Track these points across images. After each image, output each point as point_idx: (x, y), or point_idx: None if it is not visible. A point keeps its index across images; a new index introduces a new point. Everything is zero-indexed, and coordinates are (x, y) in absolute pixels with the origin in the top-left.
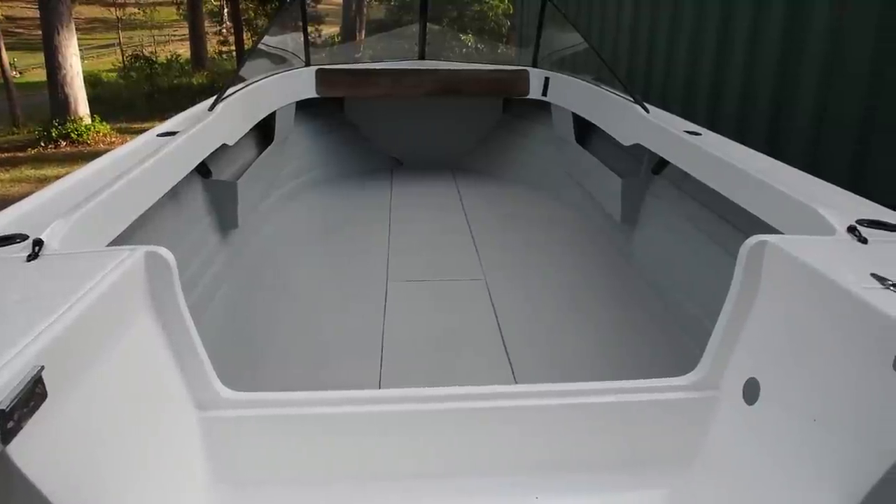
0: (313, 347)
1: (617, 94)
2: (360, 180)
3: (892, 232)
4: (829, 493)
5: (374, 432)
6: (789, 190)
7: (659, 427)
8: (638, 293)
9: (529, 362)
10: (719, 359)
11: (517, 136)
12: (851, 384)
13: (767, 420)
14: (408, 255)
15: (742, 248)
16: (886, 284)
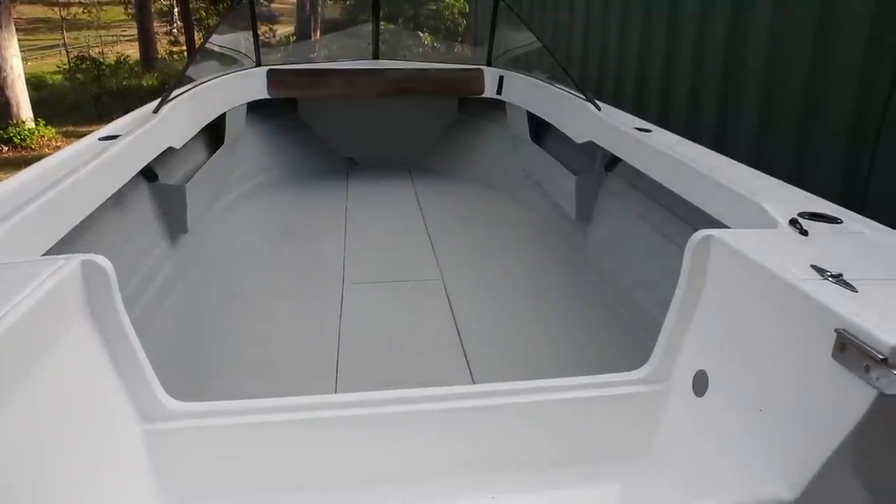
0: (267, 354)
1: (570, 92)
2: (314, 182)
3: (831, 224)
4: (775, 480)
5: (330, 438)
6: (735, 185)
7: (613, 421)
8: (594, 289)
9: (487, 362)
10: (669, 353)
11: (473, 135)
12: (794, 374)
13: (716, 411)
14: (364, 257)
15: (688, 244)
16: (825, 275)
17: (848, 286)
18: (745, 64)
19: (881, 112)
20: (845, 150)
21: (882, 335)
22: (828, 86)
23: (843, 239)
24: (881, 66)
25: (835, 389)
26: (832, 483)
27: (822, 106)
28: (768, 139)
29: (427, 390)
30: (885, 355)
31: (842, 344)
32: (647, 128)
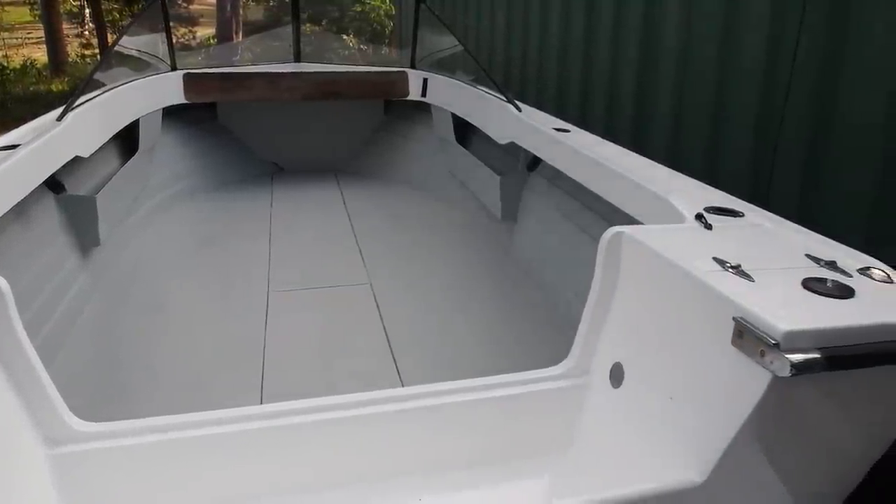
0: (190, 367)
1: (492, 94)
2: (238, 188)
3: (734, 217)
4: (687, 461)
5: (254, 451)
6: (646, 183)
7: (537, 417)
8: (520, 287)
9: (416, 364)
10: (587, 347)
11: (399, 138)
12: (700, 361)
13: (632, 401)
14: (290, 264)
15: (601, 241)
16: (725, 267)
17: (746, 276)
18: (657, 67)
19: (780, 114)
20: (751, 149)
21: (774, 321)
22: (733, 87)
23: (744, 232)
24: (780, 67)
25: (735, 374)
26: (737, 462)
27: (729, 107)
28: (681, 139)
29: (352, 396)
30: (778, 340)
31: (739, 331)
32: (566, 128)
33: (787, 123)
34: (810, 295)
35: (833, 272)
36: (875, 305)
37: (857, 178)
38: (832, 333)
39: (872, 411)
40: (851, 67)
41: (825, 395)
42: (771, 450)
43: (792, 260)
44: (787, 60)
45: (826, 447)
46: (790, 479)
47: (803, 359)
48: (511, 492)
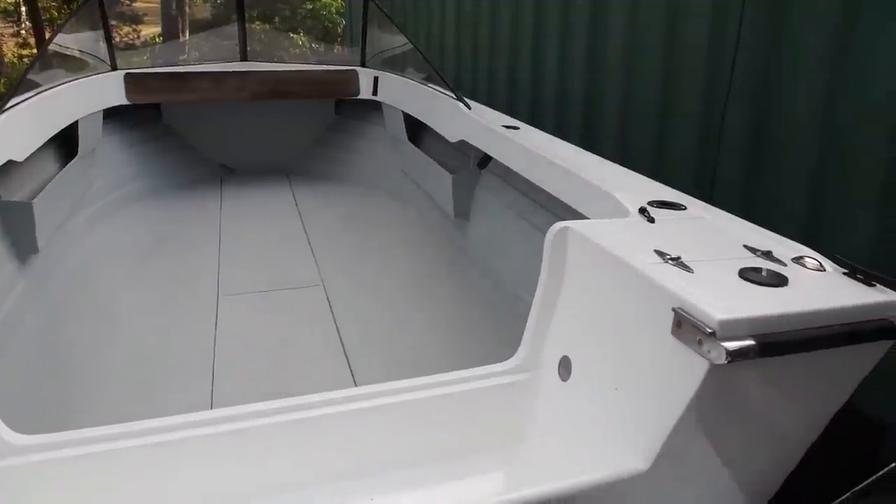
0: (136, 376)
1: (442, 91)
2: (185, 192)
3: (676, 211)
4: (632, 449)
5: (205, 457)
6: (593, 178)
7: (489, 412)
8: (474, 284)
9: (370, 365)
10: (536, 342)
11: (351, 137)
12: (642, 352)
13: (579, 393)
14: (240, 268)
15: (547, 236)
16: (666, 259)
17: (685, 267)
18: (605, 65)
19: (723, 109)
20: (696, 145)
21: (710, 311)
22: (678, 84)
23: (685, 224)
24: (722, 63)
25: (676, 363)
26: (681, 448)
27: (674, 104)
28: (629, 136)
29: (302, 398)
30: (714, 329)
31: (678, 321)
32: (516, 125)
33: (729, 119)
34: (746, 284)
35: (769, 262)
36: (807, 293)
37: (796, 171)
38: (766, 321)
39: (808, 394)
40: (791, 63)
41: (762, 380)
42: (713, 434)
43: (730, 251)
44: (729, 57)
45: (766, 430)
46: (733, 461)
47: (738, 346)
48: (463, 487)
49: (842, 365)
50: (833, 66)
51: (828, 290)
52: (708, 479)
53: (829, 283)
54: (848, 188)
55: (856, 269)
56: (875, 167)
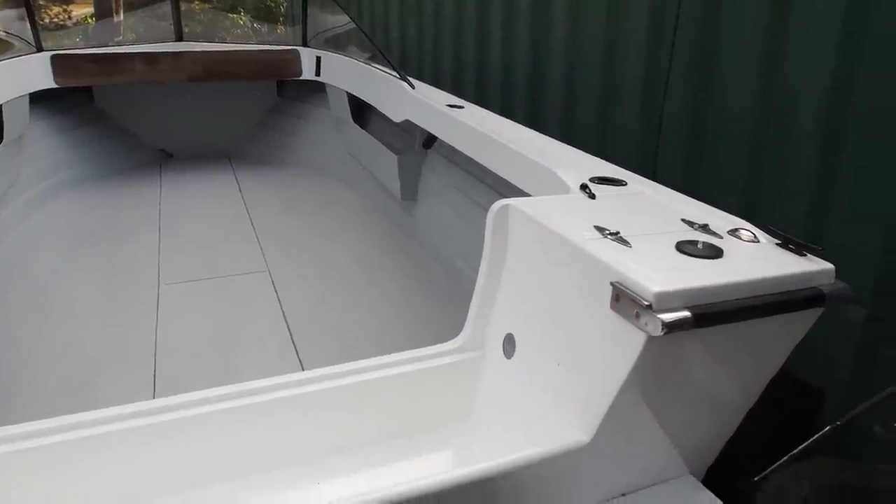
0: (74, 369)
1: (385, 71)
2: (122, 178)
3: (617, 186)
4: (575, 422)
5: (147, 448)
6: (535, 156)
7: (435, 392)
8: (422, 265)
9: (318, 350)
10: (480, 320)
11: (295, 119)
12: (583, 326)
13: (523, 369)
14: (182, 255)
15: (489, 213)
16: (605, 234)
17: (624, 242)
18: (549, 45)
19: (663, 89)
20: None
21: (647, 284)
22: (620, 63)
23: (625, 200)
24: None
25: (615, 337)
26: (622, 419)
27: (616, 82)
28: (574, 115)
29: (246, 384)
30: (650, 301)
31: (617, 295)
32: (460, 104)
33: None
34: (682, 257)
35: (705, 234)
36: (741, 264)
37: (734, 148)
38: (701, 292)
39: (744, 362)
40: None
41: (699, 350)
42: (653, 405)
43: (668, 225)
44: (669, 36)
45: (705, 399)
46: (673, 430)
47: (674, 318)
48: (409, 467)
49: (775, 333)
50: (768, 43)
51: (761, 260)
52: (650, 447)
53: (763, 253)
54: (784, 163)
55: (788, 240)
56: (809, 144)
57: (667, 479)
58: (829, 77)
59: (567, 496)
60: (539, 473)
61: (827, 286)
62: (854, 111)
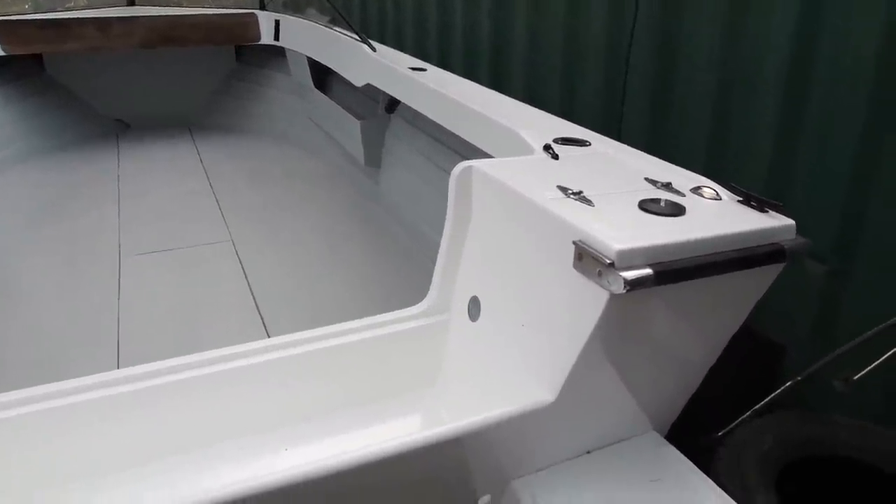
0: (32, 345)
1: (346, 34)
2: (78, 150)
3: (581, 147)
4: (540, 382)
5: (111, 420)
6: (499, 117)
7: (401, 356)
8: (387, 232)
9: (284, 318)
10: (445, 284)
11: (255, 85)
12: (546, 287)
13: (488, 332)
14: (142, 227)
15: (451, 176)
16: (567, 193)
17: (586, 202)
18: (512, 5)
19: (627, 49)
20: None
21: (609, 242)
22: (584, 26)
23: (589, 160)
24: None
25: (578, 296)
26: (586, 377)
27: (581, 45)
28: (539, 77)
29: (210, 353)
30: (612, 259)
31: (579, 254)
32: (422, 67)
33: (634, 58)
34: (645, 215)
35: (668, 193)
36: (703, 221)
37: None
38: (663, 249)
39: (706, 319)
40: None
41: (662, 307)
42: (617, 362)
43: (631, 184)
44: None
45: (668, 356)
46: (637, 387)
47: (636, 275)
48: (376, 431)
49: (737, 289)
50: (732, 4)
51: (723, 217)
52: (614, 405)
53: (725, 210)
54: (746, 122)
55: (750, 197)
56: (772, 103)
57: (631, 436)
58: (791, 37)
59: (533, 454)
60: (505, 433)
61: (788, 241)
62: (816, 72)
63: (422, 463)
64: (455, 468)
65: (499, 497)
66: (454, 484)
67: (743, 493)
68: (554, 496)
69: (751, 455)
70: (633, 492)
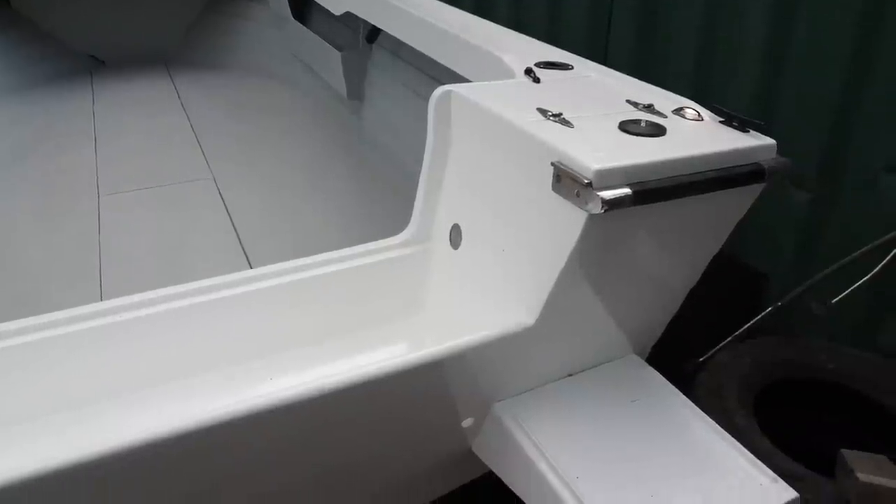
0: (18, 282)
1: None
2: (49, 88)
3: (563, 71)
4: (522, 305)
5: (96, 350)
6: (481, 42)
7: (384, 285)
8: (370, 164)
9: (267, 251)
10: (426, 213)
11: (232, 19)
12: (526, 211)
13: (470, 259)
14: (120, 166)
15: (430, 101)
16: (547, 115)
17: (566, 123)
18: None
19: None
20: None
21: (587, 162)
22: None
23: (571, 83)
24: None
25: (556, 218)
26: (565, 300)
27: None
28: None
29: (194, 284)
30: (590, 179)
31: (558, 175)
32: None
33: None
34: (624, 136)
35: (649, 114)
36: (683, 141)
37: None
38: (641, 169)
39: (686, 240)
40: None
41: (641, 228)
42: (596, 285)
43: (612, 106)
44: None
45: (648, 278)
46: (617, 310)
47: (614, 195)
48: (360, 359)
49: (717, 210)
50: None
51: (703, 137)
52: (594, 328)
53: (706, 130)
54: (732, 45)
55: (732, 117)
56: (760, 24)
57: (612, 358)
58: None
59: (514, 377)
60: (485, 356)
61: (768, 161)
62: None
63: (403, 387)
64: (437, 392)
65: (481, 420)
66: (437, 408)
67: (722, 415)
68: (535, 417)
69: (730, 378)
70: (614, 411)
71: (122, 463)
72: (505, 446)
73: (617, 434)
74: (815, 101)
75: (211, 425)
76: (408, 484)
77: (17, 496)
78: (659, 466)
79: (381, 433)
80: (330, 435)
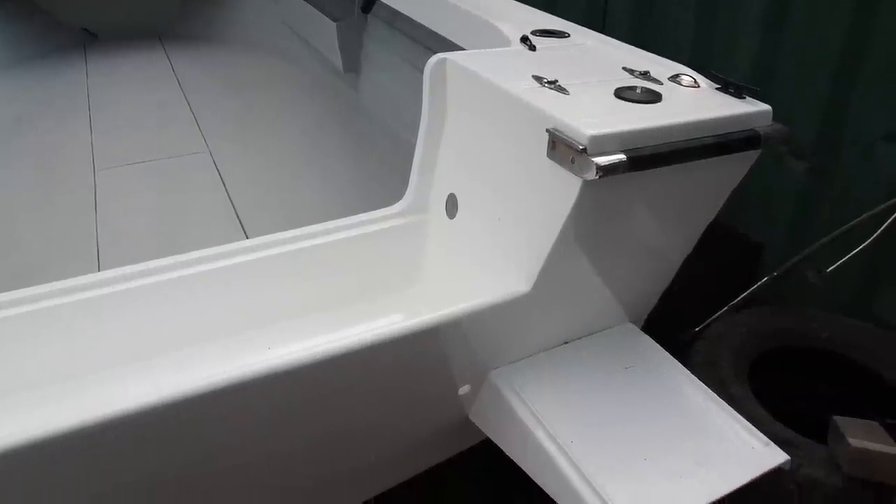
0: (15, 256)
1: None
2: (42, 62)
3: (559, 38)
4: (516, 277)
5: (94, 320)
6: (477, 10)
7: (380, 255)
8: (367, 137)
9: (263, 224)
10: (422, 183)
11: None
12: (521, 178)
13: (466, 228)
14: (116, 140)
15: (426, 68)
16: (542, 83)
17: (562, 90)
18: None
19: None
20: None
21: (581, 128)
22: None
23: (567, 51)
24: None
25: (551, 185)
26: (561, 267)
27: None
28: None
29: (191, 254)
30: (585, 145)
31: (553, 142)
32: None
33: None
34: (620, 102)
35: (645, 81)
36: (678, 107)
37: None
38: (637, 135)
39: (682, 208)
40: None
41: (636, 195)
42: (591, 252)
43: (608, 73)
44: None
45: (643, 246)
46: (612, 278)
47: (609, 161)
48: (358, 328)
49: (712, 177)
50: None
51: (699, 103)
52: (590, 295)
53: (702, 97)
54: (732, 14)
55: (728, 83)
56: None
57: (607, 326)
58: None
59: (510, 345)
60: (481, 323)
61: (764, 127)
62: None
63: (400, 354)
64: (433, 360)
65: (478, 387)
66: (433, 375)
67: (718, 384)
68: (531, 385)
69: (725, 347)
70: (610, 378)
71: (120, 431)
72: (501, 413)
73: (612, 400)
74: (813, 70)
75: (208, 392)
76: (405, 452)
77: (15, 463)
78: (652, 430)
79: (378, 401)
80: (327, 403)
